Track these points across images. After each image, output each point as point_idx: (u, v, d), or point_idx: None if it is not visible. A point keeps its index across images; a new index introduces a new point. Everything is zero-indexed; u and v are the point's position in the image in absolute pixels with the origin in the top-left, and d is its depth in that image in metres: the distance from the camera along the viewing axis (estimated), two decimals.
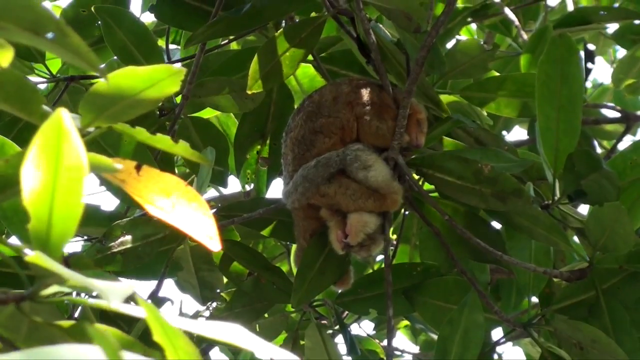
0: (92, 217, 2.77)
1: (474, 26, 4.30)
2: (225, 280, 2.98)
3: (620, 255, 2.59)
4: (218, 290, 2.97)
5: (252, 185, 3.23)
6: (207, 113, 3.23)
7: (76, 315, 2.57)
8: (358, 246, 2.48)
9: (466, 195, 2.56)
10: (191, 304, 6.67)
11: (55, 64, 3.35)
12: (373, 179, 2.45)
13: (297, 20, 3.06)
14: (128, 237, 2.54)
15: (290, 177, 2.53)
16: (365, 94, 2.57)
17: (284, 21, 3.01)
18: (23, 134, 3.08)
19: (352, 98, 2.56)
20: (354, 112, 2.55)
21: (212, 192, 4.13)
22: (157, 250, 2.58)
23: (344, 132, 2.55)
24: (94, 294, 1.13)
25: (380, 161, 2.49)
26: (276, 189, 7.59)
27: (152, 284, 2.96)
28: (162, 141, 1.29)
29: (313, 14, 3.07)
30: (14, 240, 2.54)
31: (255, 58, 2.70)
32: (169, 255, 2.72)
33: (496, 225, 2.75)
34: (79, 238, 3.05)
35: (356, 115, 2.55)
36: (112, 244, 2.53)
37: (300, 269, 2.58)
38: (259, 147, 3.14)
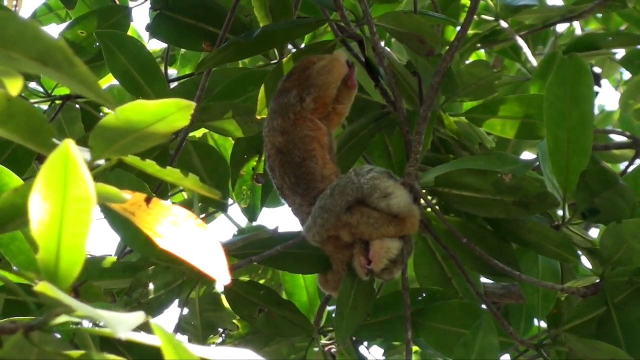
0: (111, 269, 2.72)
1: (482, 52, 4.30)
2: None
3: (628, 269, 2.58)
4: (220, 329, 2.96)
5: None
6: (202, 130, 3.22)
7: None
8: (381, 270, 2.48)
9: (486, 208, 2.55)
10: None
11: (49, 82, 3.34)
12: (395, 205, 2.45)
13: (302, 46, 3.06)
14: (151, 287, 2.54)
15: (298, 209, 2.53)
16: (290, 98, 2.56)
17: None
18: (17, 154, 3.07)
19: (290, 114, 2.55)
20: (306, 118, 2.55)
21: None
22: (178, 297, 2.59)
23: (320, 139, 2.55)
24: (102, 323, 1.12)
25: (399, 186, 2.48)
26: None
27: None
28: (172, 174, 1.29)
29: (307, 36, 3.07)
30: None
31: (263, 84, 2.70)
32: (184, 299, 2.72)
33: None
34: None
35: (308, 117, 2.56)
36: (137, 295, 2.53)
37: (338, 307, 2.58)
38: (254, 163, 3.13)
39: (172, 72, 3.65)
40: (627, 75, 5.19)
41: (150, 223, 1.27)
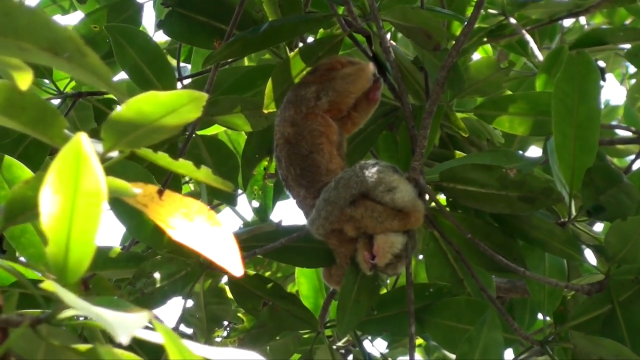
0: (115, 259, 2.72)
1: (488, 47, 4.29)
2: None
3: (633, 267, 2.58)
4: (225, 323, 2.96)
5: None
6: (216, 129, 3.22)
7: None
8: (385, 265, 2.48)
9: (491, 203, 2.55)
10: None
11: (61, 78, 3.34)
12: (400, 200, 2.45)
13: (309, 40, 3.06)
14: (155, 277, 2.54)
15: (302, 201, 2.53)
16: (305, 92, 2.58)
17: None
18: (29, 151, 3.08)
19: (303, 107, 2.56)
20: (317, 114, 2.56)
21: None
22: (181, 289, 2.59)
23: (329, 135, 2.55)
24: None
25: (404, 180, 2.48)
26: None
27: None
28: (184, 166, 1.28)
29: (321, 31, 3.07)
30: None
31: (271, 78, 2.69)
32: (189, 291, 2.72)
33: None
34: None
35: (320, 114, 2.56)
36: (141, 285, 2.53)
37: (341, 301, 2.58)
38: (266, 162, 3.12)
39: (185, 66, 3.63)
40: (632, 69, 5.18)
41: (163, 215, 1.27)
